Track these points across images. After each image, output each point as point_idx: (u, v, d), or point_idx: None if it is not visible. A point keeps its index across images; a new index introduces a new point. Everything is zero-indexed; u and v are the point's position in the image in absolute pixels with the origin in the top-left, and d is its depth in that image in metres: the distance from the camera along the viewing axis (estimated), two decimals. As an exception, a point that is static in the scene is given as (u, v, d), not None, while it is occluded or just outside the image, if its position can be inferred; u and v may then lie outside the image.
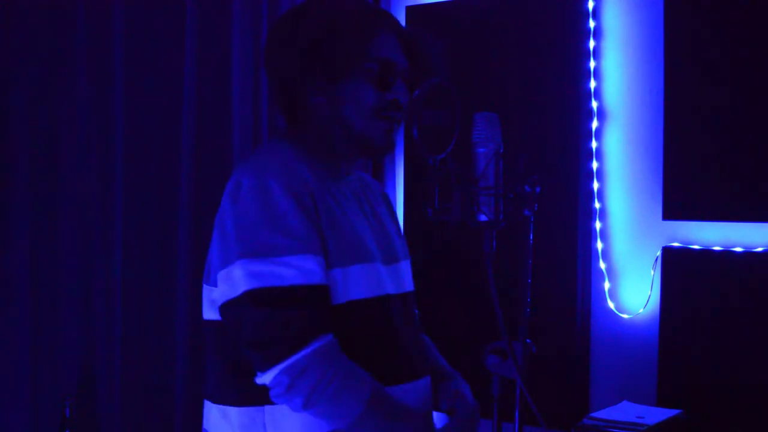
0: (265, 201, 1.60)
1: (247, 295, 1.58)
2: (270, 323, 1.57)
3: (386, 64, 1.72)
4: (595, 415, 2.96)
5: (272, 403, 1.64)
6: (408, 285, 1.86)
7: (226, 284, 1.62)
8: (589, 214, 3.36)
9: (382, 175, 3.70)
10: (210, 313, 1.72)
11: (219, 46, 3.22)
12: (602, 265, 3.34)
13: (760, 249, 3.03)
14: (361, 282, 1.67)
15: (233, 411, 1.69)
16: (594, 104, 3.34)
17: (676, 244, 3.19)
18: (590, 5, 3.35)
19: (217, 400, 1.73)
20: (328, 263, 1.63)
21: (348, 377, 1.59)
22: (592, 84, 3.34)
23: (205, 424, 1.78)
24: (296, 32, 1.72)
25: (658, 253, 3.21)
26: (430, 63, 1.81)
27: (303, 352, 1.56)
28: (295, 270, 1.57)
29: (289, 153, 1.73)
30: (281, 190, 1.60)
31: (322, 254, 1.61)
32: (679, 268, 3.16)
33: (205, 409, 1.78)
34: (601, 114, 3.35)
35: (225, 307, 1.64)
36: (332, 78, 1.71)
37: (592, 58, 3.35)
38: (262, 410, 1.66)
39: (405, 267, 1.87)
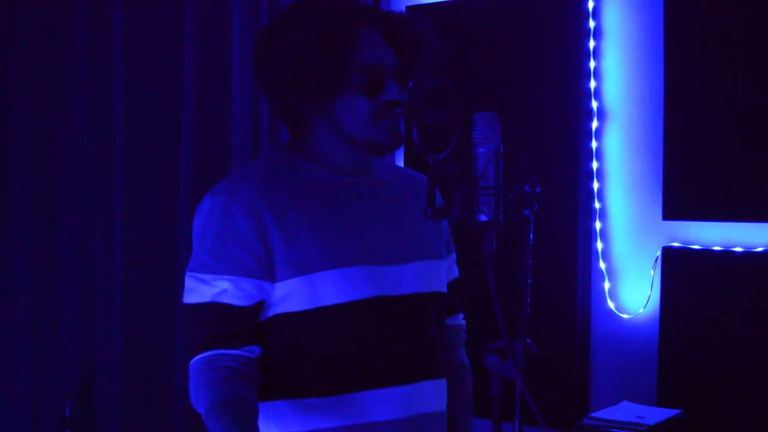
0: (207, 220, 1.71)
1: (183, 308, 1.73)
2: (185, 337, 1.72)
3: (373, 70, 1.70)
4: (595, 415, 2.97)
5: (261, 401, 1.68)
6: (422, 286, 1.82)
7: None
8: (589, 214, 3.36)
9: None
10: None
11: (219, 46, 3.22)
12: (602, 265, 3.34)
13: (760, 249, 3.03)
14: (331, 287, 1.67)
15: None
16: (594, 104, 3.34)
17: (676, 244, 3.19)
18: (590, 5, 3.35)
19: None
20: (278, 275, 1.67)
21: (200, 390, 1.65)
22: (592, 84, 3.34)
23: None
24: (276, 61, 1.71)
25: (658, 253, 3.21)
26: (419, 44, 1.79)
27: (190, 366, 1.69)
28: (212, 289, 1.67)
29: (261, 169, 1.76)
30: (221, 210, 1.69)
31: (249, 275, 1.67)
32: (679, 268, 3.16)
33: None
34: (601, 114, 3.35)
35: None
36: (325, 98, 1.70)
37: (592, 58, 3.35)
38: None
39: (423, 267, 1.82)
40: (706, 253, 3.11)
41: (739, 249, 3.06)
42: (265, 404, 1.69)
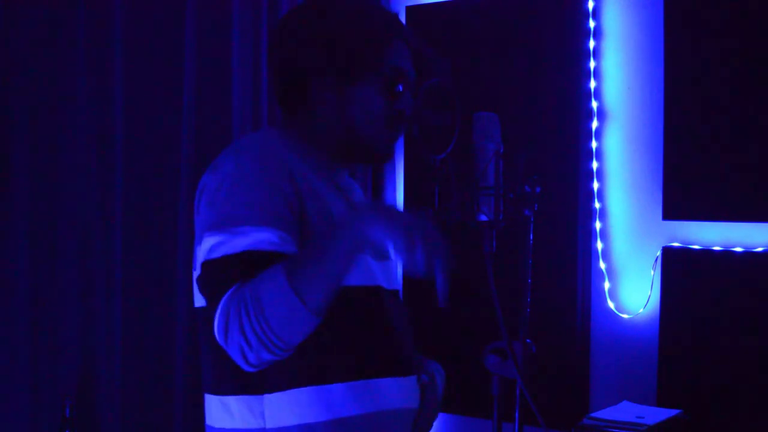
0: (236, 176, 1.58)
1: (203, 266, 1.58)
2: (211, 293, 1.55)
3: (400, 73, 1.72)
4: (595, 415, 2.97)
5: (271, 392, 1.63)
6: (397, 284, 1.85)
7: (197, 262, 1.62)
8: (589, 214, 3.36)
9: (382, 175, 3.70)
10: (200, 300, 1.69)
11: (219, 46, 3.22)
12: (602, 265, 3.34)
13: (760, 249, 3.03)
14: (356, 268, 1.62)
15: (232, 401, 1.67)
16: (594, 104, 3.34)
17: (676, 244, 3.19)
18: (590, 5, 3.35)
19: (216, 391, 1.71)
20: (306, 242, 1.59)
21: (256, 286, 1.46)
22: (592, 84, 3.34)
23: (208, 420, 1.75)
24: (317, 25, 1.71)
25: (658, 253, 3.21)
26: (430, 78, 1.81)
27: (222, 301, 1.50)
28: (249, 239, 1.52)
29: (277, 137, 1.72)
30: (253, 166, 1.58)
31: (288, 230, 1.56)
32: (679, 268, 3.16)
33: (206, 404, 1.75)
34: (601, 114, 3.35)
35: (197, 285, 1.63)
36: (346, 78, 1.70)
37: (592, 58, 3.35)
38: (261, 399, 1.64)
39: (393, 265, 1.84)
40: (706, 253, 3.11)
41: (739, 249, 3.06)
42: (282, 394, 1.63)
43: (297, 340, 1.49)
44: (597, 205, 3.35)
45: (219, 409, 1.70)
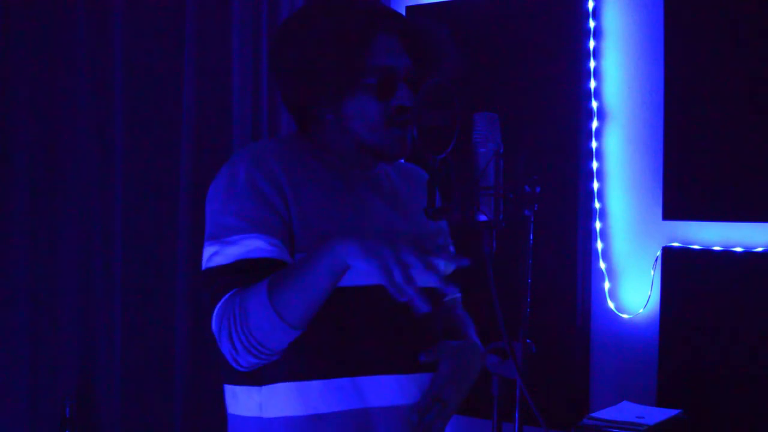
0: (229, 187, 1.69)
1: (202, 275, 1.69)
2: (209, 299, 1.66)
3: (386, 72, 1.72)
4: (595, 415, 2.97)
5: (265, 384, 1.69)
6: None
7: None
8: (589, 214, 3.36)
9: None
10: None
11: (219, 46, 3.22)
12: (602, 265, 3.34)
13: (760, 249, 3.03)
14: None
15: (238, 390, 1.75)
16: (594, 104, 3.35)
17: (676, 244, 3.19)
18: (590, 5, 3.35)
19: (225, 380, 1.79)
20: (297, 248, 1.67)
21: (244, 298, 1.59)
22: (592, 84, 3.35)
23: (228, 408, 1.81)
24: (289, 56, 1.73)
25: (658, 253, 3.21)
26: (435, 52, 1.81)
27: (216, 310, 1.63)
28: (240, 248, 1.64)
29: (277, 146, 1.77)
30: (244, 176, 1.68)
31: (278, 236, 1.65)
32: (679, 268, 3.16)
33: (225, 393, 1.81)
34: (601, 114, 3.35)
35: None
36: (336, 97, 1.71)
37: (592, 58, 3.35)
38: (259, 390, 1.70)
39: None
40: (706, 253, 3.11)
41: (739, 249, 3.06)
42: (272, 386, 1.69)
43: (281, 347, 1.61)
44: (597, 205, 3.35)
45: (230, 396, 1.79)
